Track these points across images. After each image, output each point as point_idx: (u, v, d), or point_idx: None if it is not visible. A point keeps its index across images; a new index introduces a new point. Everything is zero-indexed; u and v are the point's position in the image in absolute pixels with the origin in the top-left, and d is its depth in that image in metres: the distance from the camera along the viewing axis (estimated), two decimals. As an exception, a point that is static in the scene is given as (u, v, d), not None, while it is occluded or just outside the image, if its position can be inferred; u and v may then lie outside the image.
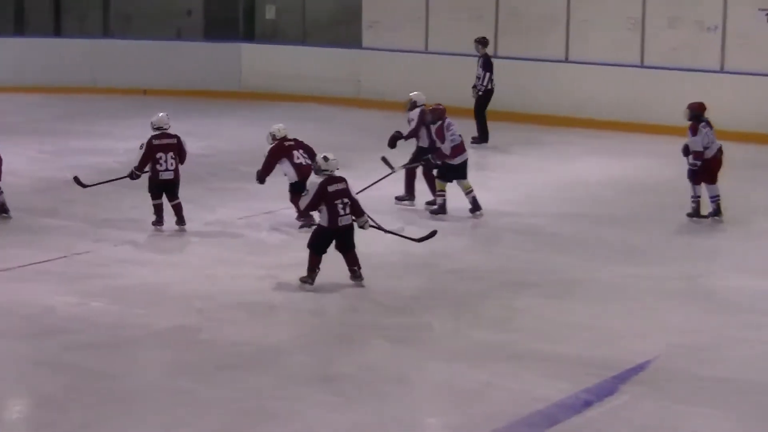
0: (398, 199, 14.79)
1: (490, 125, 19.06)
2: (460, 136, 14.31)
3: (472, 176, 14.55)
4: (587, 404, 8.64)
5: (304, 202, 11.56)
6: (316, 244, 11.44)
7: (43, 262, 12.01)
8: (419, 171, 14.74)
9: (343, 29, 24.28)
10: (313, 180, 11.56)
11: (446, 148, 14.07)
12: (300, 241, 12.87)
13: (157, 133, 13.54)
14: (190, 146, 17.97)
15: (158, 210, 13.42)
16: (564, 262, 12.35)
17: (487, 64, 19.21)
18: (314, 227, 11.85)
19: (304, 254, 11.63)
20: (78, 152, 17.28)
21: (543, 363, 9.41)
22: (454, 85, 20.01)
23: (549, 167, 17.51)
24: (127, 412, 8.42)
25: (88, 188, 14.09)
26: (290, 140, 13.72)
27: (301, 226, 13.30)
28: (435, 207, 14.18)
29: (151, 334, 10.05)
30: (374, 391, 8.87)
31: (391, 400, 8.71)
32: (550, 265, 12.25)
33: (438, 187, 14.20)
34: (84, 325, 10.20)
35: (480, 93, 19.15)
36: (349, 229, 11.44)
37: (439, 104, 14.56)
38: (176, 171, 13.46)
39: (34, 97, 22.83)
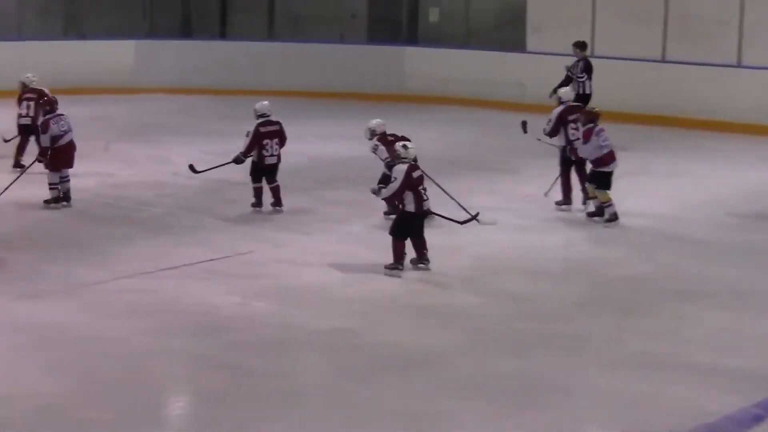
0: (558, 204, 14.61)
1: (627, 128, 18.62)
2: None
3: (635, 182, 14.26)
4: (758, 419, 8.35)
5: (391, 189, 11.82)
6: (401, 230, 11.77)
7: (208, 261, 12.12)
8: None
9: (506, 32, 24.13)
10: (399, 167, 11.80)
11: (586, 150, 13.85)
12: (461, 243, 12.83)
13: (262, 120, 14.29)
14: (351, 150, 18.17)
15: (258, 193, 14.24)
16: (734, 272, 11.99)
17: (588, 68, 18.71)
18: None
19: (466, 258, 11.54)
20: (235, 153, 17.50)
21: (711, 375, 9.13)
22: (621, 89, 19.71)
23: (718, 174, 17.11)
24: (288, 412, 8.42)
25: (244, 192, 14.27)
26: (391, 135, 13.78)
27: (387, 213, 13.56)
28: (606, 217, 13.82)
29: (311, 335, 10.05)
30: (535, 398, 8.71)
31: (552, 408, 8.54)
32: (719, 275, 11.92)
33: (602, 199, 13.88)
34: (246, 324, 10.26)
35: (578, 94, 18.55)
36: (426, 214, 11.88)
37: (595, 108, 14.38)
38: (279, 156, 14.21)
39: (200, 98, 23.22)
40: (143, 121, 21.06)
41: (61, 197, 14.23)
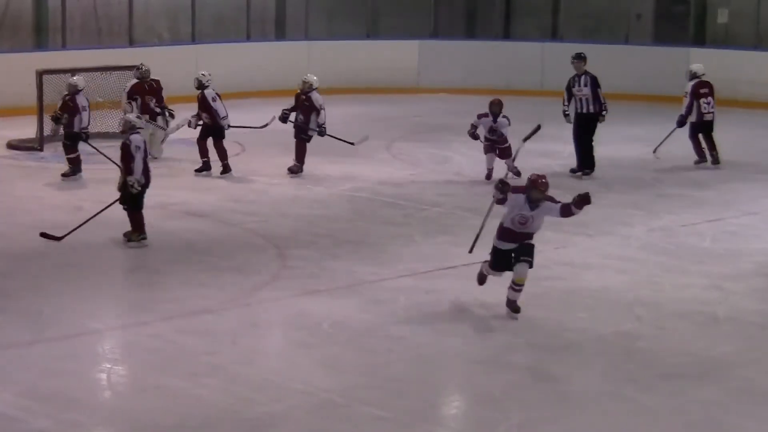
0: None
1: None
2: None
3: None
4: None
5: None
6: (139, 202, 12.33)
7: (486, 260, 12.03)
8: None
9: (800, 33, 23.27)
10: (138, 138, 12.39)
11: None
12: (746, 249, 12.42)
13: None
14: (638, 151, 17.85)
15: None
16: None
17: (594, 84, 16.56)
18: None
19: (749, 265, 11.18)
20: (523, 154, 17.35)
21: None
22: None
23: None
24: (567, 415, 8.28)
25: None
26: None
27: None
28: None
29: (591, 339, 9.86)
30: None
31: None
32: None
33: None
34: (526, 326, 10.14)
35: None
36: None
37: None
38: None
39: (483, 98, 23.08)
40: (426, 120, 21.23)
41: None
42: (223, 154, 16.01)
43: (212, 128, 15.93)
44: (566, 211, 10.09)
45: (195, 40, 23.93)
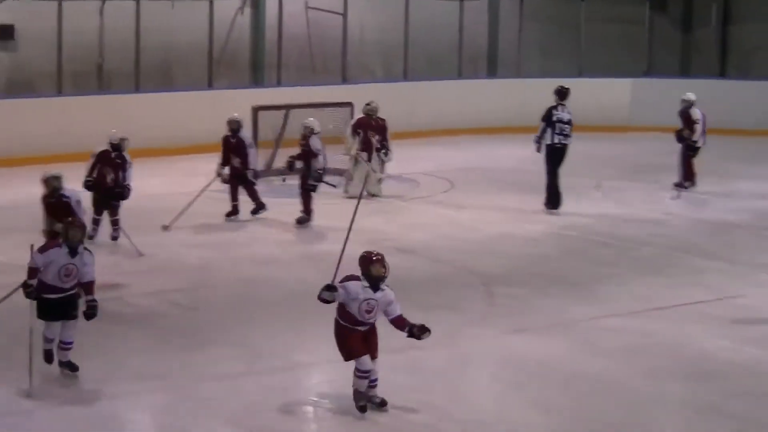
0: None
1: None
2: None
3: None
4: None
5: None
6: None
7: (700, 302, 11.74)
8: None
9: None
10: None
11: None
12: None
13: None
14: None
15: None
16: None
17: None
18: None
19: None
20: (742, 195, 17.03)
21: None
22: None
23: None
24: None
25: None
26: None
27: None
28: None
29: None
30: None
31: None
32: None
33: None
34: (741, 371, 9.80)
35: None
36: None
37: None
38: None
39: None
40: (637, 160, 20.88)
41: None
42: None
43: None
44: None
45: (407, 77, 24.10)
